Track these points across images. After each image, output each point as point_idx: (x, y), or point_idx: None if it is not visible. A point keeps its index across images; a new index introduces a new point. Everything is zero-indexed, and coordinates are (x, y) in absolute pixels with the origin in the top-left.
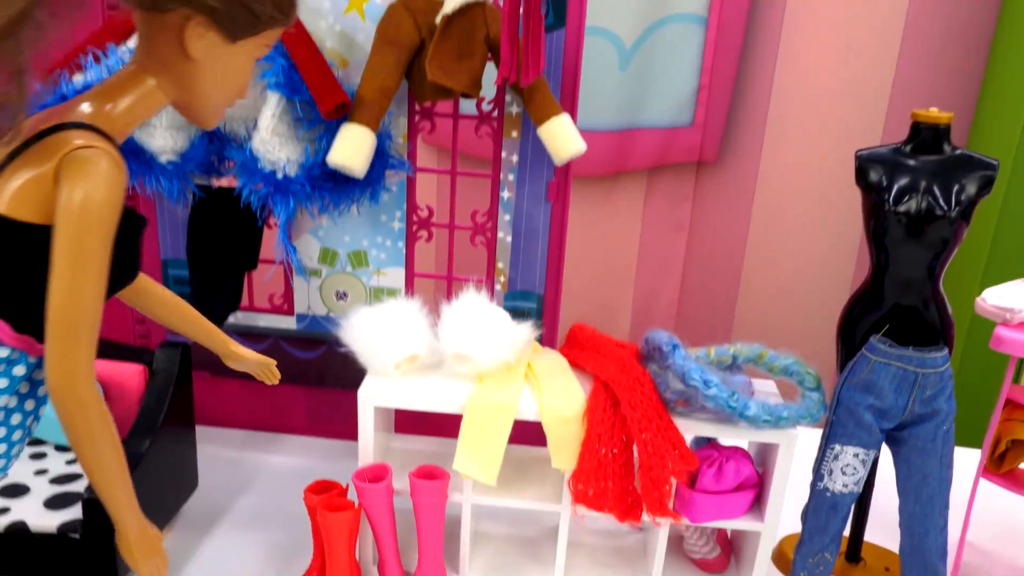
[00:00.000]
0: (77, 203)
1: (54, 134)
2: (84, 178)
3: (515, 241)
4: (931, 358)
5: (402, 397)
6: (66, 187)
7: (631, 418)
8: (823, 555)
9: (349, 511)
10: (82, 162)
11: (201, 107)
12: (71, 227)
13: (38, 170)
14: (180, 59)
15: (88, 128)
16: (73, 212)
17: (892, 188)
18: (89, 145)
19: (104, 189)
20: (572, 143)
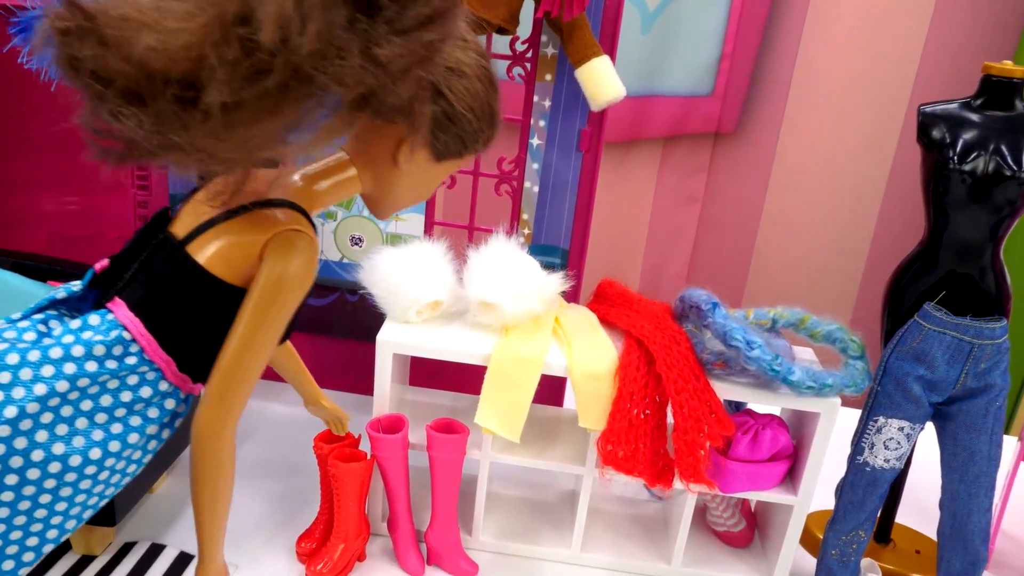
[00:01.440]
0: (276, 279)
1: (268, 208)
2: (287, 258)
3: (542, 191)
4: (988, 328)
5: (422, 345)
6: (270, 262)
7: (666, 378)
8: (857, 533)
9: (362, 462)
10: (289, 244)
11: (388, 205)
12: (266, 298)
13: (248, 239)
14: (387, 164)
15: (294, 208)
16: (271, 286)
17: (957, 145)
18: (296, 228)
19: (302, 271)
20: (612, 86)
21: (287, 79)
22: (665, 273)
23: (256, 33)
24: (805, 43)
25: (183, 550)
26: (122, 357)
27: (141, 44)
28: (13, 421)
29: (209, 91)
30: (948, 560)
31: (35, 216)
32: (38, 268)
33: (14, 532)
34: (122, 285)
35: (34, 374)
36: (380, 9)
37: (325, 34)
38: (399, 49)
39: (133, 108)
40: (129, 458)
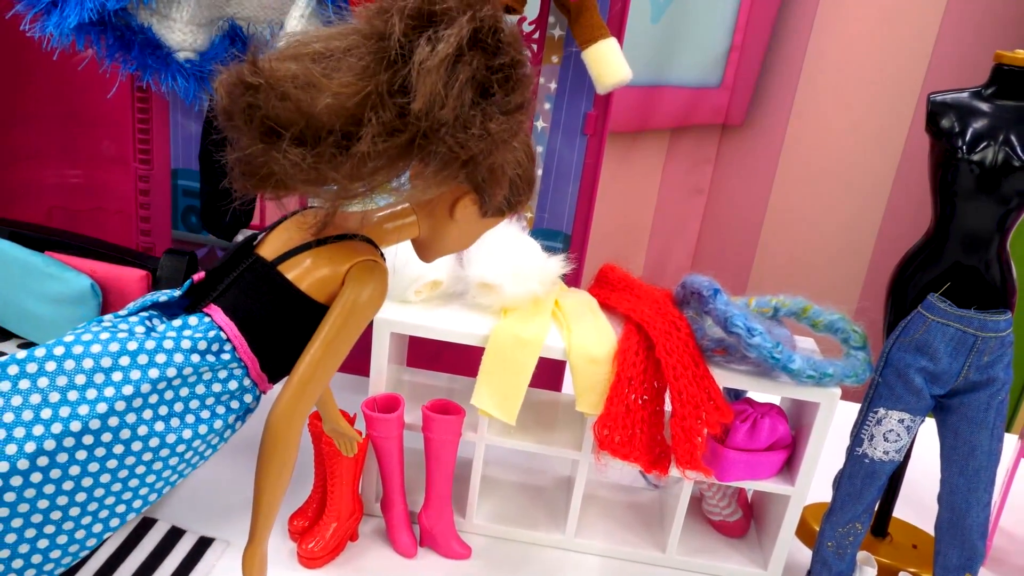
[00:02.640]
0: (353, 302)
1: (350, 241)
2: (364, 285)
3: (545, 175)
4: (993, 321)
5: (421, 324)
6: (351, 287)
7: (665, 363)
8: (854, 525)
9: (357, 440)
10: (368, 272)
11: (436, 249)
12: (343, 317)
13: (335, 268)
14: (444, 215)
15: (369, 242)
16: (348, 307)
17: (966, 134)
18: (373, 259)
19: (376, 298)
20: (619, 68)
21: (417, 137)
22: (669, 264)
23: (408, 103)
24: (815, 35)
25: (175, 524)
26: (218, 353)
27: (321, 103)
28: (128, 399)
29: (362, 142)
30: (945, 555)
31: (37, 188)
32: (35, 238)
33: (109, 497)
34: (216, 295)
35: (149, 360)
36: (493, 95)
37: (458, 109)
38: (504, 125)
39: (300, 150)
40: (209, 442)
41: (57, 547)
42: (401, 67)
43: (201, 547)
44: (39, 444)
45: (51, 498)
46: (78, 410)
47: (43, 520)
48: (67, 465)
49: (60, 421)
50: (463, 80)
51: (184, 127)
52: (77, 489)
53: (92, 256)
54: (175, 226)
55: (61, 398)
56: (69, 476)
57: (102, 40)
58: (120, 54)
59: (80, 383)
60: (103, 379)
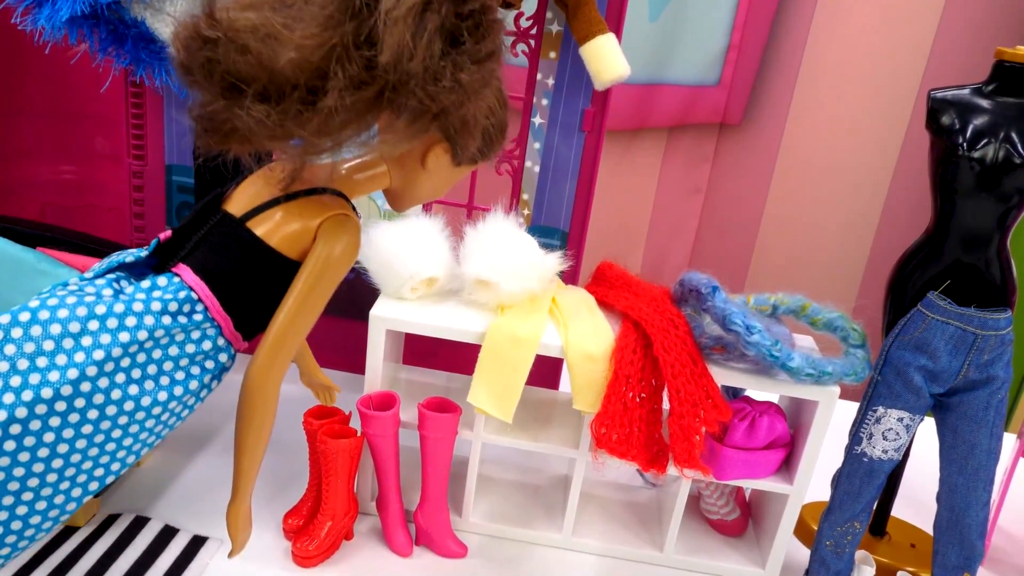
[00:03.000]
0: (326, 257)
1: (320, 195)
2: (336, 240)
3: (543, 172)
4: (993, 319)
5: (416, 321)
6: (322, 242)
7: (663, 361)
8: (852, 524)
9: (351, 439)
10: (339, 226)
11: (408, 198)
12: (316, 272)
13: (305, 223)
14: (415, 164)
15: (340, 195)
16: (321, 262)
17: (966, 131)
18: (344, 213)
19: (350, 250)
20: (617, 64)
21: (386, 90)
22: (667, 263)
23: (375, 55)
24: (814, 34)
25: (168, 523)
26: (190, 314)
27: (284, 57)
28: (100, 363)
29: (328, 97)
30: (944, 554)
31: (30, 184)
32: (27, 233)
33: (86, 462)
34: (184, 253)
35: (119, 323)
36: (463, 44)
37: (427, 61)
38: (475, 75)
39: (264, 106)
40: (185, 403)
41: (37, 513)
42: (367, 17)
43: (195, 546)
44: (10, 412)
45: (27, 465)
46: (48, 376)
47: (20, 487)
48: (40, 432)
49: (31, 388)
50: (432, 29)
51: (179, 123)
52: (53, 456)
53: (85, 252)
54: (169, 222)
55: (30, 365)
56: (44, 443)
57: (95, 34)
58: (113, 48)
59: (49, 349)
60: (72, 344)
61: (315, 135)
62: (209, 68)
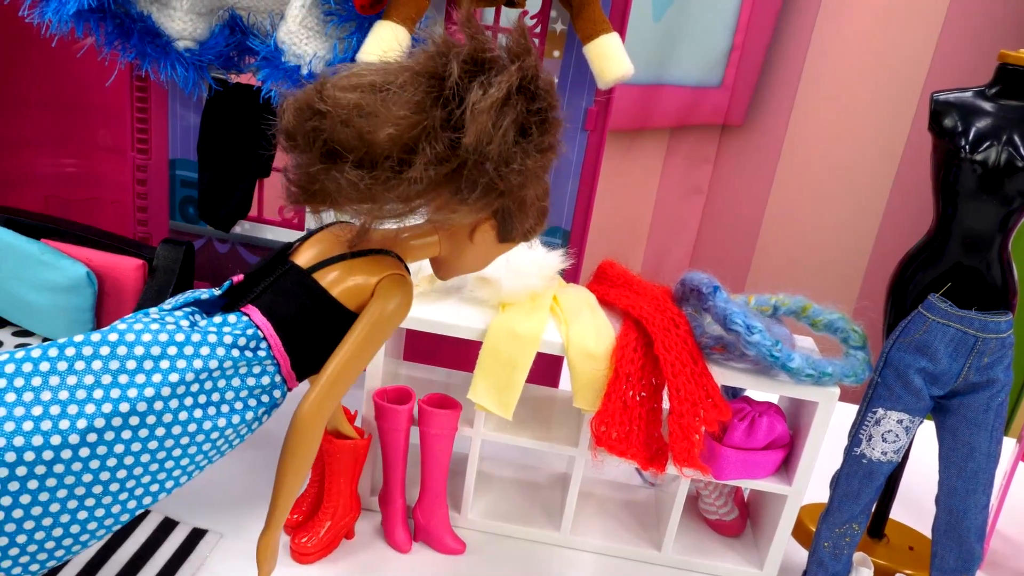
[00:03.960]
0: (381, 311)
1: (380, 255)
2: (392, 297)
3: None
4: (994, 322)
5: (418, 318)
6: (379, 299)
7: (664, 360)
8: (851, 525)
9: (357, 440)
10: (395, 285)
11: (454, 268)
12: (372, 324)
13: (366, 279)
14: (463, 237)
15: (397, 257)
16: (376, 315)
17: (969, 134)
18: (401, 274)
19: (401, 309)
20: (620, 64)
21: (465, 171)
22: (667, 263)
23: (459, 137)
24: (817, 36)
25: (167, 516)
26: (255, 349)
27: (382, 133)
28: (173, 385)
29: (414, 169)
30: (942, 556)
31: (33, 177)
32: (32, 225)
33: (146, 476)
34: (253, 296)
35: (194, 351)
36: (531, 135)
37: (502, 147)
38: (538, 162)
39: (359, 171)
40: (238, 432)
41: (95, 519)
42: (455, 106)
43: (194, 539)
44: (90, 422)
45: (95, 472)
46: (127, 393)
47: (86, 493)
48: (112, 443)
49: (111, 402)
50: (509, 122)
51: (183, 117)
52: (119, 466)
53: (88, 244)
54: (172, 216)
55: (113, 381)
56: (113, 453)
57: (101, 27)
58: (119, 42)
59: (131, 368)
60: (152, 366)
61: (395, 201)
62: (313, 136)
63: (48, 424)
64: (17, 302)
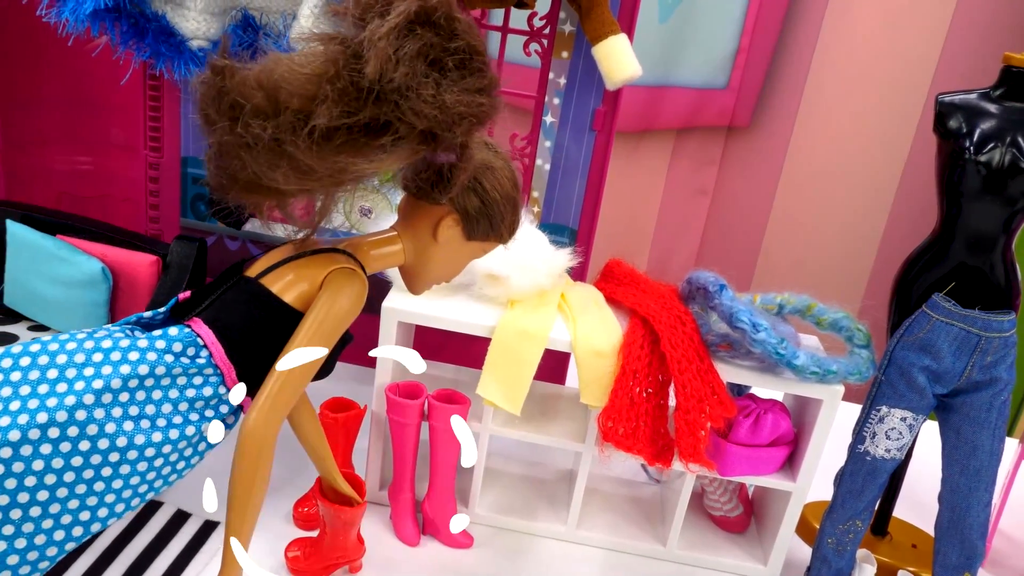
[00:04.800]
0: (328, 306)
1: (329, 253)
2: (341, 291)
3: (553, 170)
4: (997, 322)
5: (427, 314)
6: (327, 292)
7: (670, 357)
8: (854, 522)
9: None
10: (345, 279)
11: (423, 276)
12: (317, 322)
13: (314, 276)
14: (428, 238)
15: (351, 256)
16: (323, 311)
17: (973, 135)
18: (351, 268)
19: (351, 303)
20: (628, 65)
21: (376, 115)
22: (672, 264)
23: (362, 69)
24: (823, 39)
25: (180, 508)
26: (193, 357)
27: (278, 72)
28: (98, 392)
29: (319, 113)
30: (945, 553)
31: (47, 174)
32: (48, 221)
33: (72, 501)
34: (199, 310)
35: (122, 356)
36: (447, 71)
37: (410, 75)
38: (458, 99)
39: (262, 121)
40: (181, 452)
41: (14, 551)
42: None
43: (206, 531)
44: (3, 436)
45: (12, 494)
46: (46, 403)
47: (2, 519)
48: (30, 459)
49: (27, 412)
50: (413, 50)
51: (195, 115)
52: (39, 487)
53: (103, 240)
54: (183, 214)
55: (31, 391)
56: (32, 471)
57: (116, 27)
58: (134, 41)
59: (52, 377)
60: (75, 374)
61: (311, 157)
62: (220, 99)
63: None
64: (33, 297)
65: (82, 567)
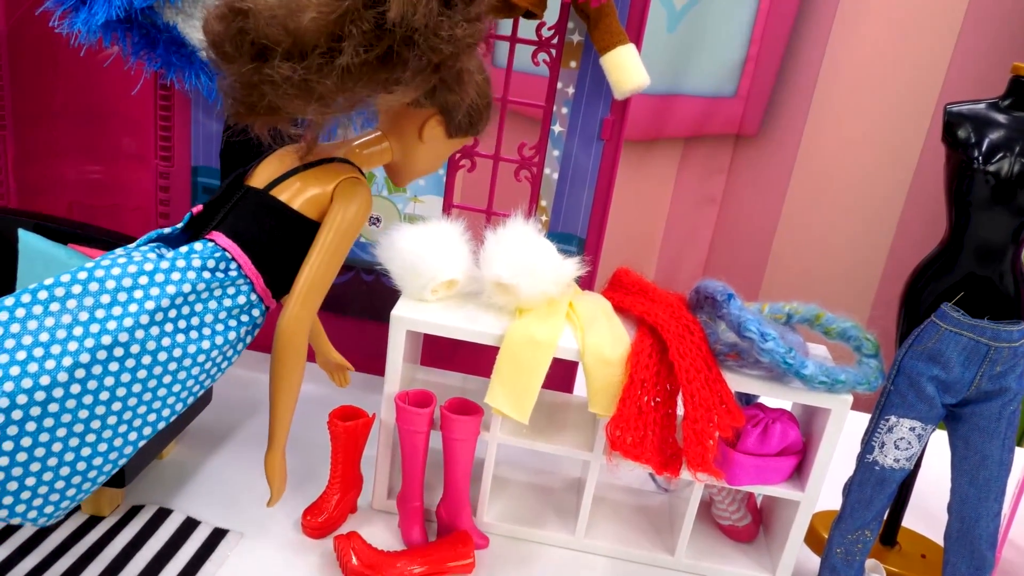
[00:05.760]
0: (342, 215)
1: (332, 163)
2: (351, 200)
3: (561, 179)
4: (1006, 331)
5: (436, 322)
6: (339, 203)
7: (679, 366)
8: (863, 532)
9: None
10: (352, 188)
11: (408, 171)
12: (335, 230)
13: (323, 186)
14: (413, 137)
15: (351, 164)
16: (339, 220)
17: (982, 145)
18: (356, 177)
19: (362, 210)
20: (637, 74)
21: (395, 47)
22: (680, 273)
23: (384, 12)
24: (832, 48)
25: (189, 515)
26: (225, 270)
27: (306, 19)
28: (151, 312)
29: (344, 54)
30: (954, 564)
31: (57, 183)
32: (59, 230)
33: (141, 407)
34: (216, 223)
35: (165, 278)
36: (455, 6)
37: (427, 17)
38: (467, 31)
39: (290, 63)
40: (224, 354)
41: (99, 454)
42: None
43: (215, 538)
44: (74, 358)
45: (90, 408)
46: (106, 325)
47: (84, 430)
48: (101, 376)
49: (92, 336)
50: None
51: (205, 125)
52: (112, 399)
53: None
54: None
55: (90, 316)
56: (104, 387)
57: (128, 37)
58: (145, 52)
59: (105, 302)
60: (125, 297)
61: (335, 91)
62: (240, 38)
63: (34, 366)
64: None
65: (93, 574)
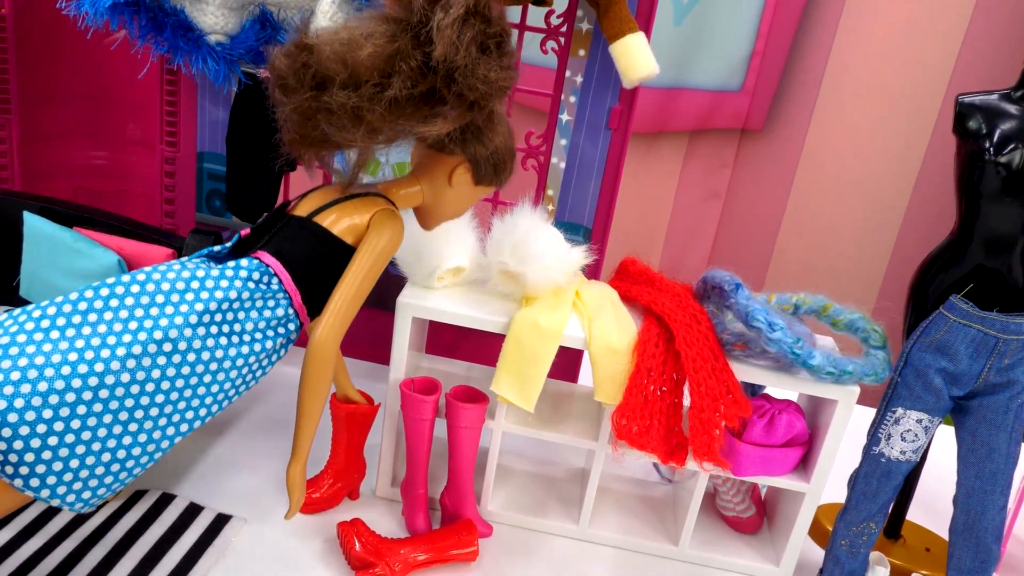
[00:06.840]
0: (375, 243)
1: (370, 196)
2: (385, 228)
3: (568, 168)
4: (1015, 324)
5: (442, 310)
6: (375, 231)
7: (685, 355)
8: (868, 524)
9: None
10: (387, 219)
11: (436, 214)
12: (369, 256)
13: (361, 216)
14: (443, 182)
15: (387, 199)
16: (372, 248)
17: (993, 136)
18: (391, 209)
19: (395, 238)
20: (646, 63)
21: (438, 84)
22: (684, 266)
23: (430, 52)
24: (838, 42)
25: (193, 501)
26: (268, 284)
27: (363, 54)
28: (199, 313)
29: (393, 86)
30: (959, 557)
31: (63, 168)
32: (65, 214)
33: (181, 402)
34: (261, 244)
35: (214, 285)
36: (489, 53)
37: (467, 58)
38: (500, 75)
39: (347, 92)
40: (260, 363)
41: (138, 444)
42: (420, 31)
43: (219, 524)
44: (128, 349)
45: (136, 398)
46: (159, 323)
47: (129, 418)
48: (149, 368)
49: (145, 331)
50: (470, 37)
51: (211, 111)
52: (157, 391)
53: (119, 233)
54: (199, 209)
55: (144, 314)
56: (151, 379)
57: (135, 21)
58: (152, 35)
59: (160, 302)
60: (177, 299)
61: (381, 121)
62: (303, 72)
63: (91, 354)
64: (50, 288)
65: (94, 559)
